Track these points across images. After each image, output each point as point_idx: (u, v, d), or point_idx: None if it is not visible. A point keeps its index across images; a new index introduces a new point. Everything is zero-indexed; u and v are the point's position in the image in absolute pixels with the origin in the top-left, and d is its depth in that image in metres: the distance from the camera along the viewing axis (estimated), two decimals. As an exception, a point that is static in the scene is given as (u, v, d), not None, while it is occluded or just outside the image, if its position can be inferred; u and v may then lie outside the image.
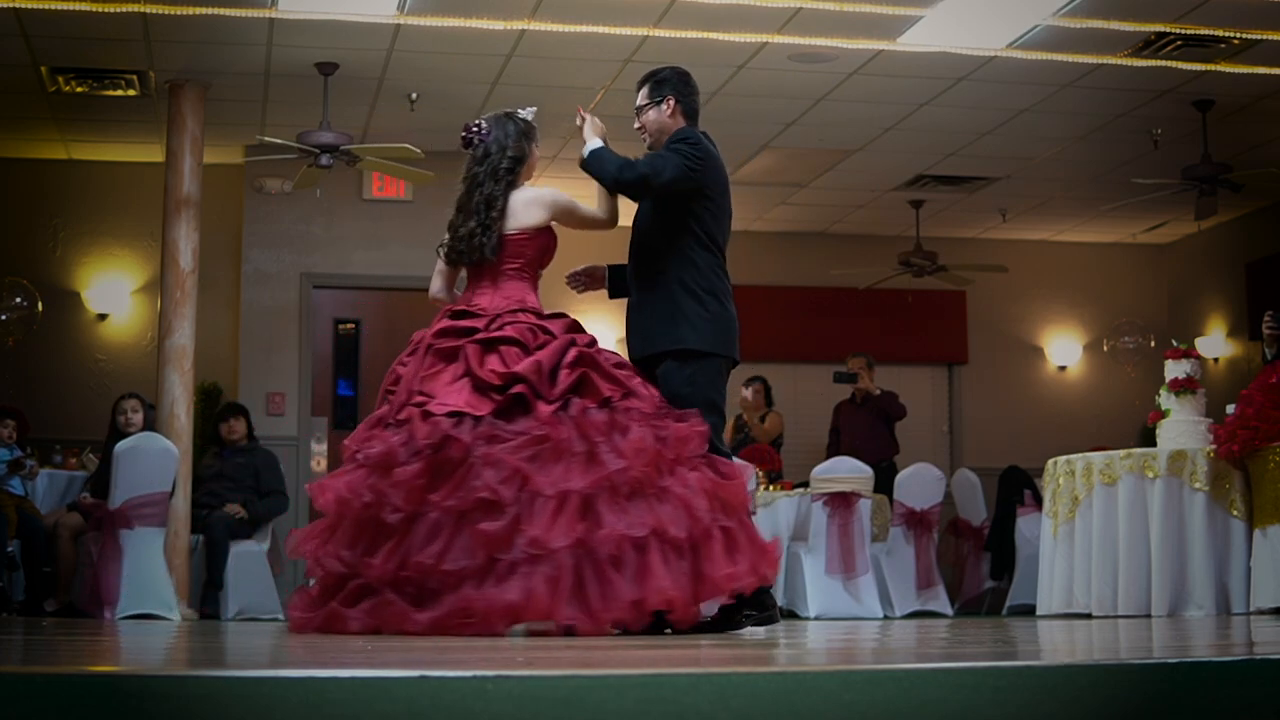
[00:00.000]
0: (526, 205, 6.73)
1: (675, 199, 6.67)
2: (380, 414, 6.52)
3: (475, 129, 6.88)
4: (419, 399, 6.35)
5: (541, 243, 6.78)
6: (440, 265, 6.96)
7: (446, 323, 6.61)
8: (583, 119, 6.95)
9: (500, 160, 6.76)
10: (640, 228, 6.85)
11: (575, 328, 6.63)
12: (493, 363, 6.35)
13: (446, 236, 6.84)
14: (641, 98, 6.97)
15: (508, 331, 6.44)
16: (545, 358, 6.33)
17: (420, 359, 6.52)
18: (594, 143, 6.83)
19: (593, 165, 6.78)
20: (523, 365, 6.29)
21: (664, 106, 6.90)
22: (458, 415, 6.22)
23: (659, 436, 6.24)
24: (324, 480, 6.51)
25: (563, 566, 5.90)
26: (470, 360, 6.37)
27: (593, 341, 6.56)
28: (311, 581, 6.61)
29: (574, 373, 6.31)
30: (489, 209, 6.70)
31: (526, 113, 6.97)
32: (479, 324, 6.51)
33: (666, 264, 6.66)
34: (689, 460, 6.27)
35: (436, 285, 6.99)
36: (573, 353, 6.38)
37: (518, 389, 6.25)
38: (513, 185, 6.76)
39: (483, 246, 6.66)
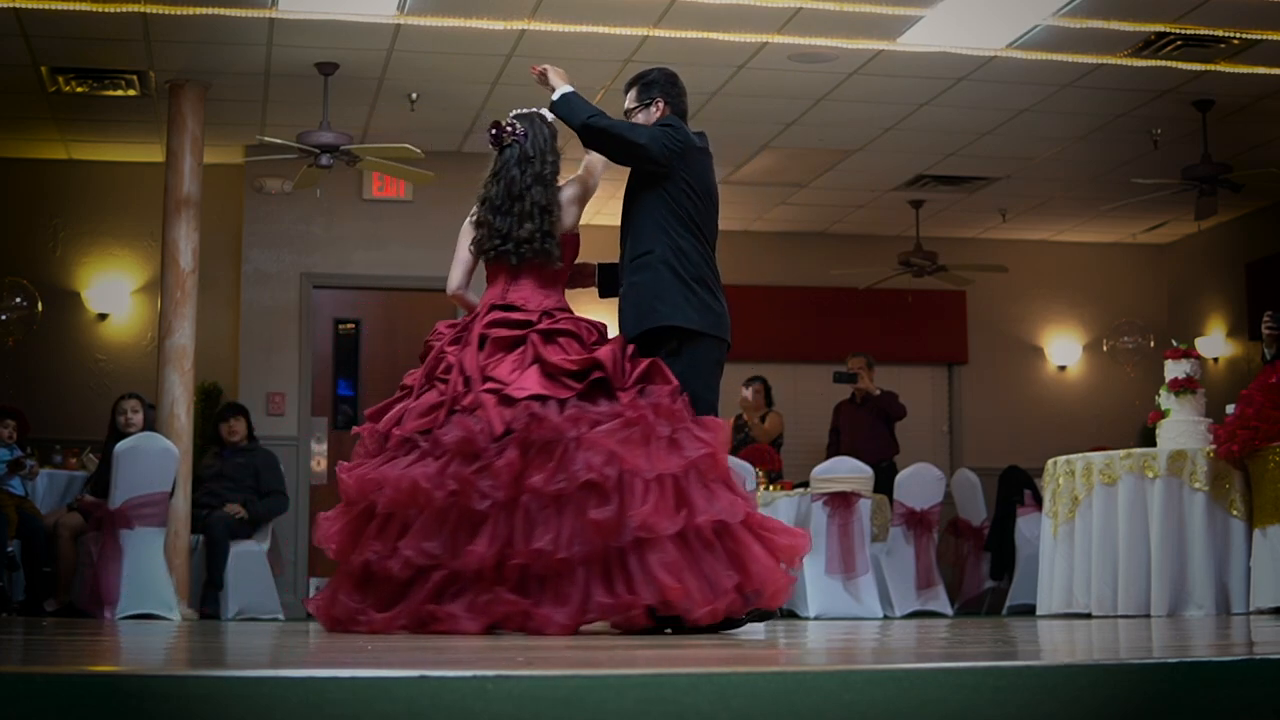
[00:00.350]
0: (565, 208, 6.78)
1: (653, 181, 6.69)
2: (429, 400, 6.43)
3: (509, 128, 6.86)
4: (491, 385, 6.31)
5: (575, 242, 6.85)
6: (463, 257, 6.87)
7: (498, 314, 6.57)
8: (543, 70, 6.97)
9: (544, 166, 6.76)
10: (627, 212, 6.84)
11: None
12: (554, 353, 6.37)
13: (479, 233, 6.76)
14: (630, 100, 6.99)
15: (563, 325, 6.50)
16: (614, 348, 6.38)
17: (474, 348, 6.47)
18: (564, 87, 6.85)
19: (563, 108, 6.80)
20: (600, 353, 6.33)
21: (653, 109, 6.89)
22: (540, 398, 6.22)
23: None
24: (365, 472, 6.34)
25: (670, 552, 5.92)
26: (538, 347, 6.38)
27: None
28: (314, 589, 6.56)
29: (641, 363, 6.35)
30: (547, 214, 6.69)
31: (551, 116, 6.96)
32: (531, 317, 6.52)
33: (653, 248, 6.65)
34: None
35: (459, 279, 6.90)
36: (631, 348, 6.44)
37: (597, 375, 6.28)
38: (560, 190, 6.78)
39: (549, 252, 6.65)
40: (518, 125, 6.87)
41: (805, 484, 12.27)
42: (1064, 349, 17.21)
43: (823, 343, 16.37)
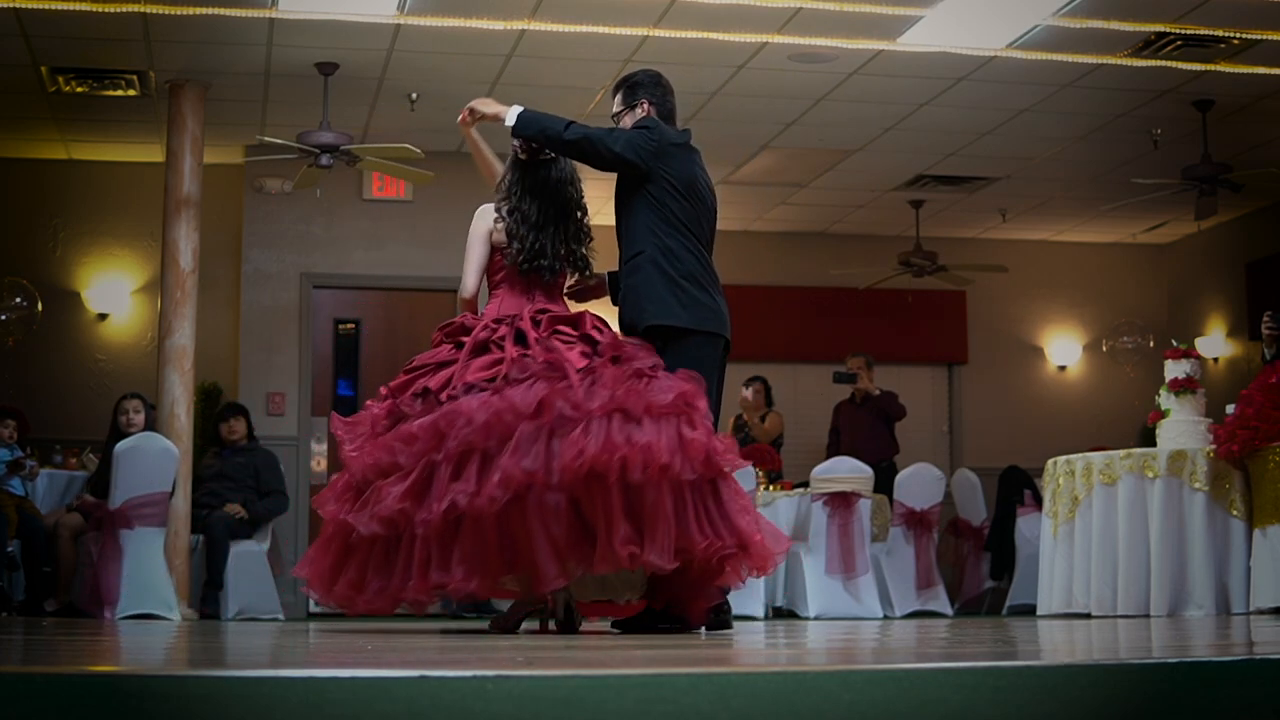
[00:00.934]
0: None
1: (635, 183, 6.74)
2: (488, 359, 6.48)
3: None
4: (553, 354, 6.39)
5: None
6: (478, 261, 6.92)
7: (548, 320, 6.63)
8: (468, 111, 6.94)
9: (576, 191, 6.88)
10: (618, 216, 6.88)
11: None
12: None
13: (518, 246, 6.77)
14: (616, 104, 7.02)
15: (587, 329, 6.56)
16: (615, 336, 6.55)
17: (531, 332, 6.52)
18: (513, 108, 6.76)
19: (531, 127, 6.72)
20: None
21: (639, 111, 6.92)
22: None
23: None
24: (408, 427, 6.37)
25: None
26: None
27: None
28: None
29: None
30: (588, 237, 6.90)
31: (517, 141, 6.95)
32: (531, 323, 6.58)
33: (642, 249, 6.69)
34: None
35: (474, 283, 6.95)
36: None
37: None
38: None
39: (587, 270, 6.88)
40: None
41: (805, 484, 12.27)
42: (1064, 349, 17.20)
43: (822, 343, 16.37)
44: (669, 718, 2.79)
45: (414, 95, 12.33)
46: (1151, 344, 16.46)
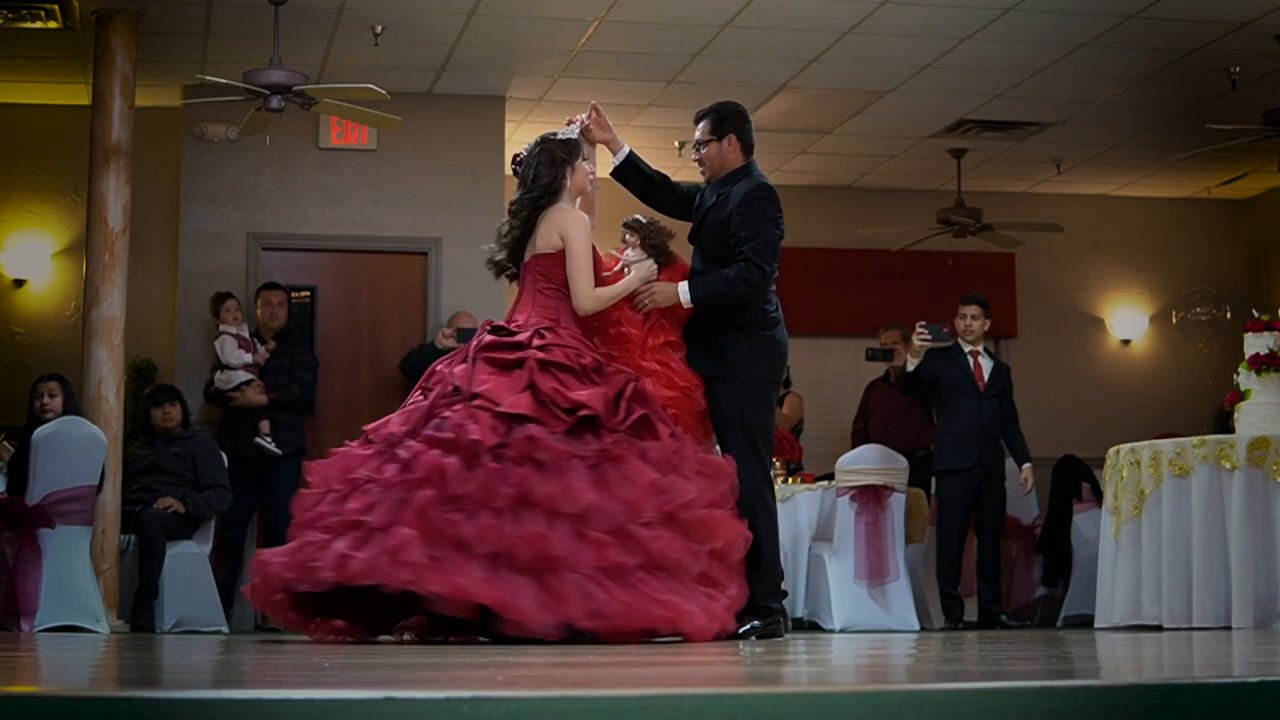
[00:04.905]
0: (548, 228, 7.83)
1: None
2: (416, 406, 7.57)
3: (515, 159, 8.04)
4: (482, 401, 7.36)
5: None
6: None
7: (490, 337, 7.67)
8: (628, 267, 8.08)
9: (529, 190, 7.93)
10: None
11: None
12: (548, 381, 7.41)
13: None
14: (703, 133, 8.21)
15: (556, 356, 7.52)
16: (608, 391, 7.46)
17: (468, 365, 7.56)
18: (681, 287, 7.99)
19: (717, 300, 8.02)
20: (590, 394, 7.38)
21: (725, 144, 8.18)
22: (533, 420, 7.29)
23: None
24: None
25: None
26: (535, 374, 7.42)
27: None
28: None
29: (636, 411, 7.43)
30: (502, 235, 8.01)
31: (566, 132, 8.04)
32: (523, 338, 7.58)
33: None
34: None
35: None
36: (631, 388, 7.54)
37: (585, 413, 7.31)
38: (540, 210, 7.89)
39: (499, 267, 8.07)
40: (521, 153, 8.03)
41: (829, 476, 12.27)
42: (1128, 321, 17.21)
43: (848, 314, 16.39)
44: (672, 745, 2.79)
45: (378, 28, 12.31)
46: (1228, 315, 16.48)
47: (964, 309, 12.41)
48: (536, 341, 7.51)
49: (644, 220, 8.18)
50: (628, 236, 8.21)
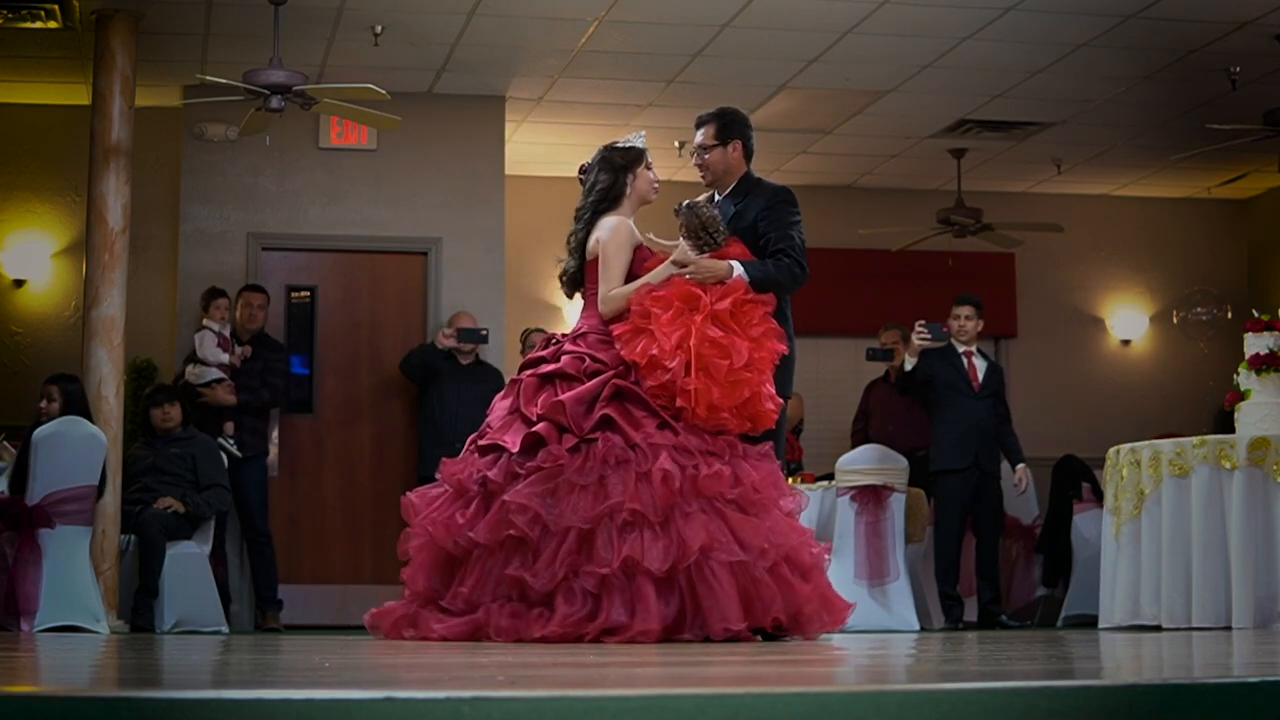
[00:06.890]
0: (594, 234, 7.87)
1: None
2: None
3: (581, 168, 8.12)
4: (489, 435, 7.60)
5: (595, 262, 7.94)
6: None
7: (534, 353, 7.91)
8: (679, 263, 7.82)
9: (589, 196, 7.98)
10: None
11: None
12: (528, 402, 7.54)
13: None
14: (706, 138, 8.21)
15: (566, 364, 7.59)
16: (580, 393, 7.47)
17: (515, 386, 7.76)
18: (735, 267, 7.76)
19: (769, 284, 7.85)
20: (566, 397, 7.41)
21: (730, 150, 8.17)
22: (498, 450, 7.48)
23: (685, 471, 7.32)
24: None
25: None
26: (520, 398, 7.59)
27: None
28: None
29: (606, 407, 7.41)
30: (568, 243, 8.03)
31: (632, 140, 8.08)
32: (547, 353, 7.74)
33: None
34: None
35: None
36: (612, 387, 7.47)
37: (541, 428, 7.41)
38: (600, 215, 7.92)
39: (565, 275, 8.09)
40: (587, 164, 8.09)
41: (829, 476, 12.28)
42: (1128, 321, 17.22)
43: (848, 314, 16.38)
44: (672, 745, 2.79)
45: (378, 28, 12.31)
46: (1229, 315, 16.47)
47: (957, 309, 12.41)
48: (568, 347, 7.67)
49: (682, 206, 7.96)
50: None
